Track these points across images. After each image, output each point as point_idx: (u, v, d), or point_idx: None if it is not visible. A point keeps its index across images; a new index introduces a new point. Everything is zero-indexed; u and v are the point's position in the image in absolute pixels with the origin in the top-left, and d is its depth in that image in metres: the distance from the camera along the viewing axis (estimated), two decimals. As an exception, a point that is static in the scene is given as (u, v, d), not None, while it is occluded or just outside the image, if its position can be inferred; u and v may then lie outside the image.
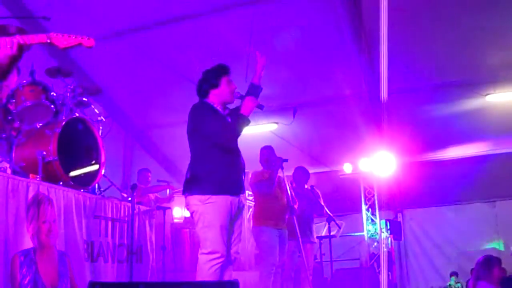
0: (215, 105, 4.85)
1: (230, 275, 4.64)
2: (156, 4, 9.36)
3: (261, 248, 7.35)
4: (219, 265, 4.41)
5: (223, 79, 4.90)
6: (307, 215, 8.17)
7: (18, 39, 3.43)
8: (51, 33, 3.58)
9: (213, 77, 4.91)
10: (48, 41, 3.55)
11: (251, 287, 7.91)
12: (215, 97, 4.87)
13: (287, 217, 7.34)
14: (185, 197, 4.74)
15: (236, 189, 4.68)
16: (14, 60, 3.41)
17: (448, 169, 12.68)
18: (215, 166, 4.67)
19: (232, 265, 4.72)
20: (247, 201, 8.99)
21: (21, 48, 3.42)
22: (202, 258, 4.46)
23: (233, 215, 4.66)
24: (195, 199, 4.62)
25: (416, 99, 11.09)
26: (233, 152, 4.77)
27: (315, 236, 8.51)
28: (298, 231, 7.24)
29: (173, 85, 10.03)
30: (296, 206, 7.37)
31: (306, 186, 8.43)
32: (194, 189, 4.67)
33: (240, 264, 8.69)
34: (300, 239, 7.25)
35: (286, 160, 7.32)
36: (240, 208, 4.75)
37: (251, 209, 8.78)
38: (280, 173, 7.33)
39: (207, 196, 4.56)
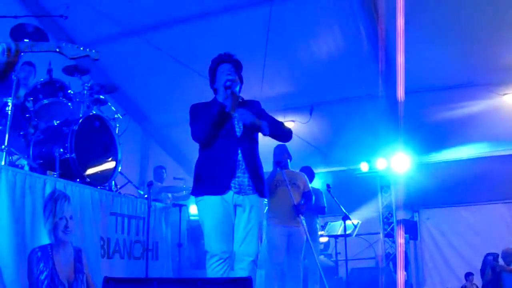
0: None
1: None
2: (173, 2, 9.39)
3: (267, 247, 7.38)
4: (218, 264, 4.30)
5: (217, 71, 4.74)
6: (310, 215, 8.21)
7: (21, 45, 3.46)
8: (60, 42, 3.62)
9: (210, 72, 4.81)
10: (57, 50, 3.59)
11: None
12: (218, 91, 4.73)
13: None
14: None
15: (221, 188, 4.45)
16: (10, 66, 3.44)
17: (465, 169, 12.57)
18: (198, 166, 4.66)
19: (249, 267, 4.46)
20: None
21: (19, 54, 3.45)
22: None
23: (231, 215, 4.49)
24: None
25: (433, 98, 11.01)
26: (221, 150, 4.53)
27: (318, 234, 8.52)
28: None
29: (189, 83, 10.05)
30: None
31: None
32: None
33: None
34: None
35: (280, 163, 7.29)
36: (242, 207, 4.51)
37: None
38: (279, 176, 7.31)
39: (198, 197, 4.56)
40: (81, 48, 3.74)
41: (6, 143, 5.25)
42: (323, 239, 11.45)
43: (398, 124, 11.11)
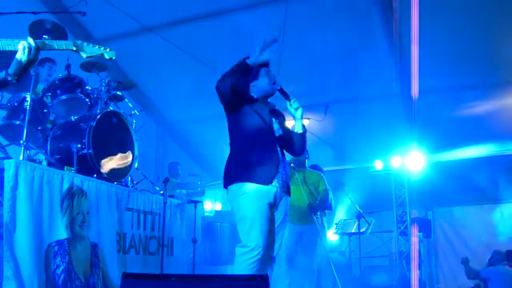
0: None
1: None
2: (189, -1, 9.45)
3: None
4: (256, 260, 4.30)
5: (260, 71, 4.90)
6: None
7: (40, 44, 3.52)
8: (78, 41, 3.68)
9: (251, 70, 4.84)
10: (74, 49, 3.64)
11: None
12: (254, 89, 4.88)
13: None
14: None
15: (270, 179, 4.52)
16: (30, 64, 3.49)
17: (480, 168, 12.52)
18: (243, 151, 4.69)
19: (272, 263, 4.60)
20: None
21: (38, 52, 3.50)
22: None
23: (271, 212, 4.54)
24: None
25: (447, 97, 10.99)
26: (265, 144, 4.63)
27: (326, 231, 8.54)
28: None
29: (205, 80, 10.09)
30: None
31: None
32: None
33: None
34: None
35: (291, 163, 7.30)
36: (280, 206, 4.64)
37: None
38: (292, 174, 7.31)
39: (244, 186, 4.52)
40: (97, 47, 3.79)
41: (24, 138, 5.31)
42: (333, 237, 11.48)
43: (412, 123, 11.10)
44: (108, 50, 3.82)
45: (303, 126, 4.84)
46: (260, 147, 4.55)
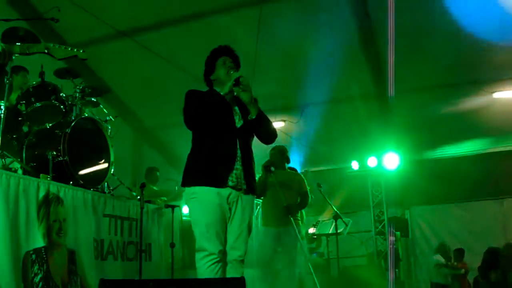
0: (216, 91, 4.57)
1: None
2: (164, 3, 9.43)
3: (257, 249, 7.45)
4: (213, 263, 4.17)
5: (218, 60, 4.66)
6: None
7: (10, 48, 3.51)
8: (48, 44, 3.67)
9: (208, 62, 4.72)
10: (46, 51, 3.64)
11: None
12: (216, 82, 4.66)
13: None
14: None
15: (219, 180, 4.32)
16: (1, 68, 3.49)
17: (456, 166, 12.66)
18: (193, 155, 4.53)
19: (239, 266, 4.36)
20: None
21: (9, 56, 3.50)
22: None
23: (226, 212, 4.37)
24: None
25: (423, 97, 11.10)
26: (220, 141, 4.41)
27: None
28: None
29: (182, 84, 10.06)
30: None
31: None
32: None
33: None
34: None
35: (268, 168, 7.28)
36: (237, 205, 4.40)
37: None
38: (269, 177, 7.30)
39: (191, 191, 4.40)
40: (69, 49, 3.78)
41: (-1, 147, 5.27)
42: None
43: (388, 123, 11.20)
44: (81, 51, 3.81)
45: (257, 110, 4.46)
46: (212, 147, 4.39)
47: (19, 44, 5.46)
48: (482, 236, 12.09)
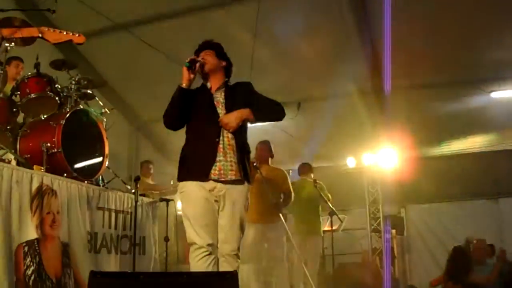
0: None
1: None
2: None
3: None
4: (203, 257, 4.17)
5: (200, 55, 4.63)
6: None
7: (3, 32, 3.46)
8: (42, 27, 3.62)
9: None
10: (40, 35, 3.58)
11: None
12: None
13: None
14: None
15: (201, 174, 4.30)
16: None
17: (452, 165, 12.68)
18: (182, 151, 4.50)
19: (233, 260, 4.35)
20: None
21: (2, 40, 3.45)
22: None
23: (214, 205, 4.35)
24: None
25: (420, 95, 11.08)
26: (203, 133, 4.41)
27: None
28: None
29: (178, 78, 10.04)
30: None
31: None
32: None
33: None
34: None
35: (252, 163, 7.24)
36: (225, 199, 4.36)
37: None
38: (255, 173, 7.24)
39: (181, 185, 4.45)
40: (65, 33, 3.72)
41: (-7, 138, 5.24)
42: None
43: (385, 120, 11.18)
44: (77, 35, 3.75)
45: (248, 118, 4.45)
46: (191, 141, 4.44)
47: (11, 28, 5.41)
48: (478, 235, 12.09)
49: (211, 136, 4.36)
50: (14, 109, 5.98)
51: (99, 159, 6.27)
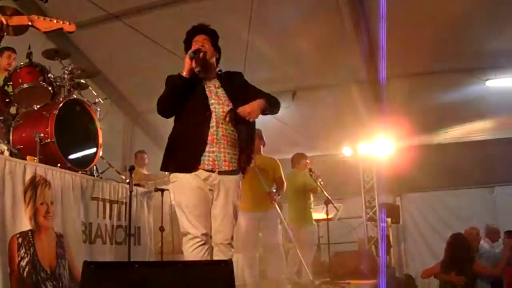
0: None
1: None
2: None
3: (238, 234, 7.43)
4: (198, 247, 4.11)
5: (192, 43, 4.53)
6: None
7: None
8: (32, 15, 3.57)
9: (185, 44, 4.63)
10: (30, 23, 3.53)
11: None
12: None
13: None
14: None
15: (192, 165, 4.23)
16: None
17: (447, 153, 12.67)
18: (170, 140, 4.44)
19: (227, 249, 4.31)
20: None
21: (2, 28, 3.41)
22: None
23: (208, 194, 4.28)
24: None
25: (416, 84, 11.07)
26: (194, 122, 4.30)
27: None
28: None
29: (172, 67, 9.98)
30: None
31: None
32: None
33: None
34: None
35: None
36: (218, 188, 4.29)
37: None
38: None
39: (172, 176, 4.36)
40: (55, 21, 3.67)
41: (-15, 129, 5.21)
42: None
43: (380, 109, 11.16)
44: (67, 23, 3.71)
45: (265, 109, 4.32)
46: (180, 131, 4.36)
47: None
48: (472, 223, 12.10)
49: (202, 125, 4.27)
50: (7, 100, 5.94)
51: (93, 149, 6.25)
